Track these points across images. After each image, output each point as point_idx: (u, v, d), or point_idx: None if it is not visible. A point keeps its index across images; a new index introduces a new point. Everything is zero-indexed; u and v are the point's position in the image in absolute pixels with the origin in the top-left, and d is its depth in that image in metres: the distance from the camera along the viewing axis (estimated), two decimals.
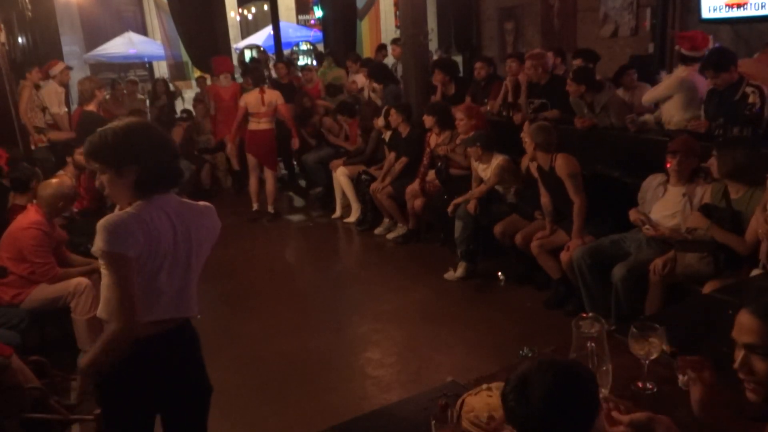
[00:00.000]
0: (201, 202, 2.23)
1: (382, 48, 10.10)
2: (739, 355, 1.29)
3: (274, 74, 8.55)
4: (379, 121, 6.68)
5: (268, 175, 7.21)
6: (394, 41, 9.35)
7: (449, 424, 1.98)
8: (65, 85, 7.81)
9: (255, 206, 7.33)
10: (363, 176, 6.64)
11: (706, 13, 6.20)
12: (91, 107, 5.80)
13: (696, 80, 4.79)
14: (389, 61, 9.56)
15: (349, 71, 9.09)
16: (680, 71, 4.77)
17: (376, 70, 7.84)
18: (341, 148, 7.46)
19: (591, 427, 1.44)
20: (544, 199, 4.54)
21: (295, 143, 7.27)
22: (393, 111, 6.34)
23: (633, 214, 3.96)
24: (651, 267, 3.67)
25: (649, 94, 5.15)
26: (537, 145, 4.37)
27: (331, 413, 3.21)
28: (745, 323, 1.28)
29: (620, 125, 5.00)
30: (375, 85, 7.79)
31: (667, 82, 4.81)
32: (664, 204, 3.93)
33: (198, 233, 2.11)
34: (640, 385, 2.08)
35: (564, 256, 4.32)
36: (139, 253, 1.92)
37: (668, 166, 3.88)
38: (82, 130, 5.69)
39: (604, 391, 2.12)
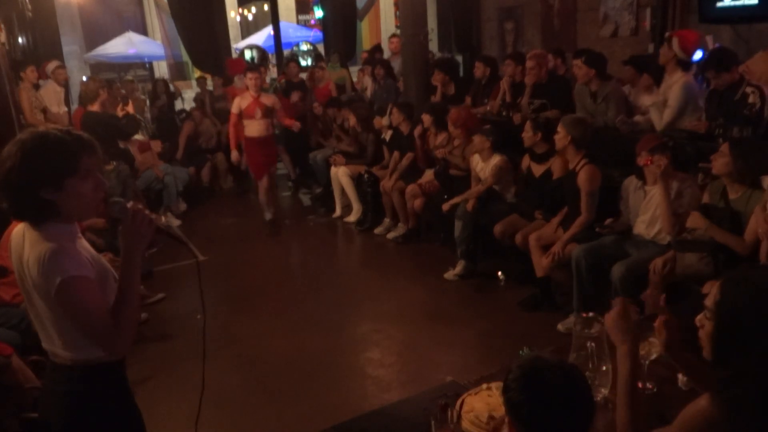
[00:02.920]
0: (48, 252, 1.76)
1: (377, 49, 10.12)
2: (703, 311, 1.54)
3: (274, 75, 8.56)
4: (384, 120, 6.68)
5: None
6: (393, 36, 9.36)
7: (449, 424, 1.98)
8: (64, 85, 7.81)
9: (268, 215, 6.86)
10: (366, 176, 6.64)
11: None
12: (95, 107, 5.79)
13: (694, 84, 4.83)
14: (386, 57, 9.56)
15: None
16: (680, 76, 4.74)
17: (386, 62, 7.93)
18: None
19: (591, 423, 1.43)
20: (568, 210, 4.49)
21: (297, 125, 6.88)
22: (395, 110, 6.36)
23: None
24: (651, 266, 3.67)
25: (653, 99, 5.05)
26: (573, 139, 4.24)
27: (331, 413, 3.20)
28: (712, 289, 1.51)
29: (615, 119, 5.00)
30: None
31: (677, 92, 4.69)
32: (648, 207, 3.95)
33: (38, 272, 1.77)
34: (640, 385, 2.08)
35: (544, 260, 4.33)
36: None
37: (647, 164, 3.84)
38: (88, 130, 5.68)
39: (603, 391, 2.13)
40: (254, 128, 6.48)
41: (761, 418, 1.37)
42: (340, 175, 6.89)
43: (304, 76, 9.30)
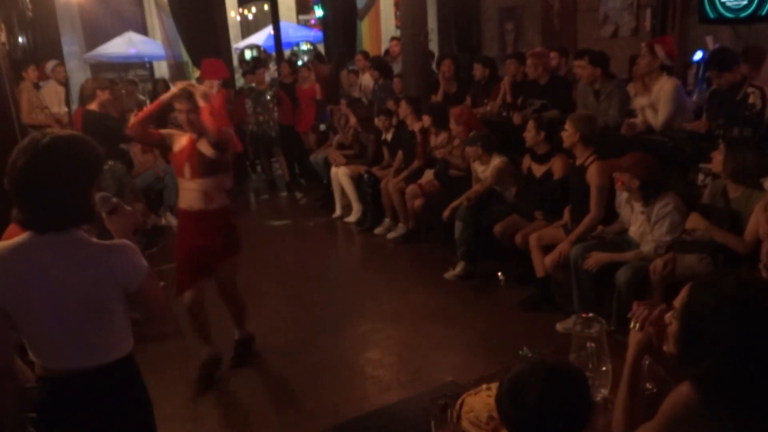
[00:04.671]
0: (111, 242, 1.90)
1: (387, 53, 10.11)
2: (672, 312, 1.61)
3: (275, 74, 8.53)
4: (383, 122, 6.67)
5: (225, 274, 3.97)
6: (393, 39, 9.34)
7: (449, 424, 1.98)
8: (64, 84, 7.80)
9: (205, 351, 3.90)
10: (366, 176, 6.64)
11: None
12: (93, 107, 5.78)
13: (681, 86, 4.89)
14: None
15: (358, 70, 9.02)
16: (667, 81, 4.75)
17: (381, 64, 7.93)
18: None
19: (586, 426, 1.45)
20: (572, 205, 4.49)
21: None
22: (403, 103, 6.33)
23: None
24: (651, 267, 3.67)
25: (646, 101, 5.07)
26: (582, 136, 4.26)
27: (331, 413, 3.21)
28: (682, 291, 1.58)
29: (618, 118, 5.00)
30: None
31: (670, 94, 4.73)
32: (635, 220, 3.97)
33: (87, 277, 1.81)
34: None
35: (548, 259, 4.32)
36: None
37: (618, 184, 3.86)
38: (87, 129, 5.70)
39: (603, 392, 2.13)
40: (185, 195, 3.72)
41: (733, 400, 1.43)
42: (340, 175, 6.88)
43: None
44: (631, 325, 1.80)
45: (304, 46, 18.74)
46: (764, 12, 5.51)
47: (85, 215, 1.84)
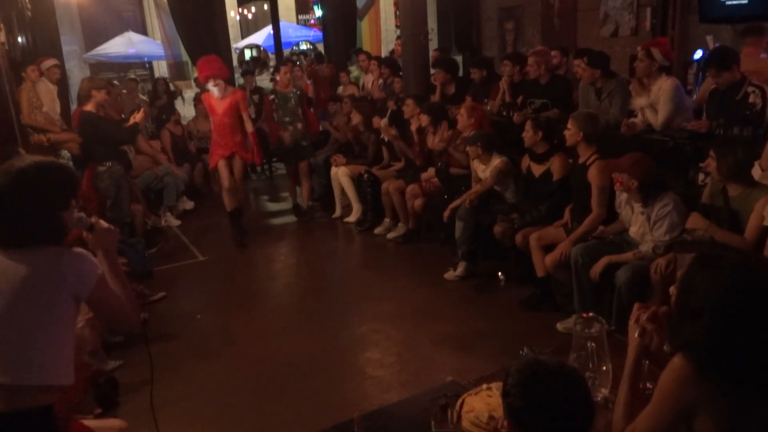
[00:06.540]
0: (63, 249, 1.94)
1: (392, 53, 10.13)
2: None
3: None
4: (383, 122, 6.66)
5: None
6: (399, 38, 9.33)
7: (449, 424, 1.98)
8: (58, 83, 7.75)
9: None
10: (366, 176, 6.63)
11: None
12: (90, 107, 5.77)
13: (680, 85, 4.90)
14: None
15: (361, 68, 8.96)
16: (666, 80, 4.75)
17: (391, 62, 7.97)
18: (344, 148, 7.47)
19: (591, 425, 1.44)
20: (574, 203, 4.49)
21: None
22: (410, 101, 6.31)
23: None
24: (653, 266, 3.66)
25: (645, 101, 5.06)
26: (585, 135, 4.26)
27: (331, 413, 3.20)
28: (686, 261, 1.64)
29: (619, 117, 5.00)
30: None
31: (669, 93, 4.73)
32: (636, 221, 3.96)
33: (35, 284, 1.85)
34: (640, 385, 2.07)
35: (549, 258, 4.32)
36: None
37: (617, 185, 3.86)
38: (83, 129, 5.67)
39: (603, 392, 2.13)
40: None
41: (721, 369, 1.47)
42: (340, 175, 6.88)
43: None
44: (634, 332, 1.79)
45: (304, 46, 18.76)
46: None
47: (48, 235, 1.92)
